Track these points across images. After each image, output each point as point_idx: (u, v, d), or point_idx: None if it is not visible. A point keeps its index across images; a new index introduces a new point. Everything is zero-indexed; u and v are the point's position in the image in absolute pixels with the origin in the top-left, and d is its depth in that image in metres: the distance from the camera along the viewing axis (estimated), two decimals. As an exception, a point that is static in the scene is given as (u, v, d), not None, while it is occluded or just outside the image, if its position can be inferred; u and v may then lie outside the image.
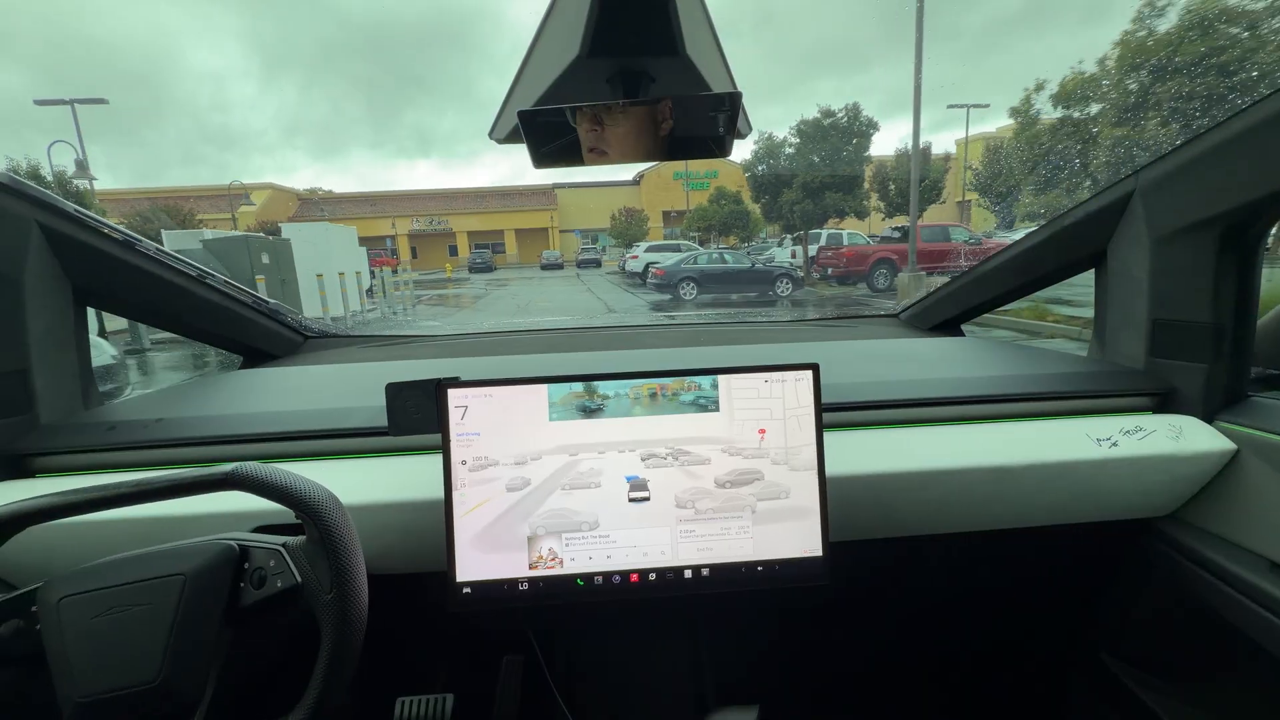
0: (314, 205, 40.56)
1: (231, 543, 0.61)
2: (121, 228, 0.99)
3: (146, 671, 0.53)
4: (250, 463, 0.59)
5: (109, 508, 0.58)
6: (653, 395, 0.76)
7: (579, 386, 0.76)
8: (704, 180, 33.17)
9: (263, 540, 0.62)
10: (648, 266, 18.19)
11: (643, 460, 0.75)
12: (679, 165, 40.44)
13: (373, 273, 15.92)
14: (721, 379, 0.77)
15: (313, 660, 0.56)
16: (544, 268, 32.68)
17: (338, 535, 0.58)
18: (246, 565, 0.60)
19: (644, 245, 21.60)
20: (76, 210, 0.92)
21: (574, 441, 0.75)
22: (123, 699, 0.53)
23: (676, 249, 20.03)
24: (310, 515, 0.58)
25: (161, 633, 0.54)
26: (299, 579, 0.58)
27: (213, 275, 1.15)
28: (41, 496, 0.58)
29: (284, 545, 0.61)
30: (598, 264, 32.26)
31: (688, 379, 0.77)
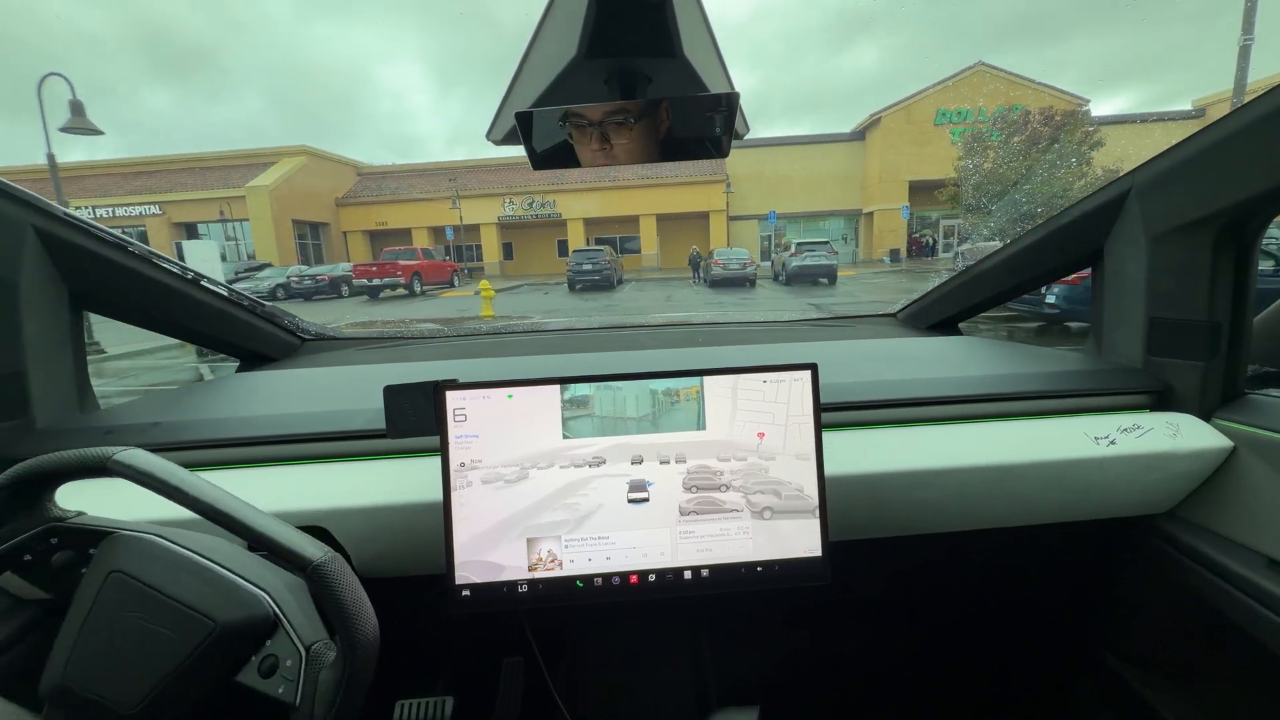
0: (377, 180, 28.26)
1: (270, 608, 0.56)
2: (115, 231, 0.98)
3: (130, 697, 0.52)
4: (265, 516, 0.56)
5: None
6: (651, 396, 0.76)
7: (577, 388, 0.76)
8: (987, 126, 19.38)
9: (296, 628, 0.56)
10: None
11: (642, 462, 0.75)
12: (946, 102, 22.77)
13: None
14: (720, 379, 0.77)
15: None
16: (714, 284, 16.60)
17: (364, 678, 0.53)
18: (268, 641, 0.55)
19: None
20: (68, 214, 0.92)
21: (573, 442, 0.75)
22: (97, 707, 0.52)
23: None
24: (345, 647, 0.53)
25: (165, 670, 0.53)
26: (296, 703, 0.52)
27: (209, 278, 1.15)
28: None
29: (309, 649, 0.54)
30: (830, 276, 16.34)
31: (685, 380, 0.77)
